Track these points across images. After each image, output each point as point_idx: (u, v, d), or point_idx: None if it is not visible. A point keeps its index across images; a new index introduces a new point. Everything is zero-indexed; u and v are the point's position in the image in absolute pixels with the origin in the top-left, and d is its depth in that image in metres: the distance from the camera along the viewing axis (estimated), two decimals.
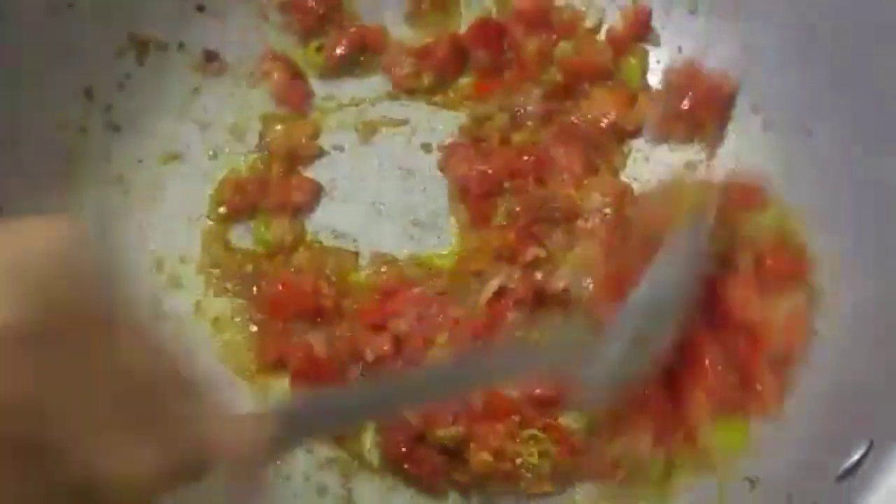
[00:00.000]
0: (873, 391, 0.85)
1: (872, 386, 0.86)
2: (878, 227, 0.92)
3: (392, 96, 1.16)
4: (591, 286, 0.98)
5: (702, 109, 1.08)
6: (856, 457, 0.79)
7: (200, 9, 1.12)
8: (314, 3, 1.14)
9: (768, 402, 0.94)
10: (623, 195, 1.06)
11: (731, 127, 1.09)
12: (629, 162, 1.11)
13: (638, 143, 1.13)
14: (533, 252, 1.02)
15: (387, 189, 1.12)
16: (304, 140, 1.13)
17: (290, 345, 1.03)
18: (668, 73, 1.11)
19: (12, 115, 0.97)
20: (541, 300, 1.02)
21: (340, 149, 1.14)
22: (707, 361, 0.94)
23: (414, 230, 1.11)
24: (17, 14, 0.96)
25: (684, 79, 1.09)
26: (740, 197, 1.02)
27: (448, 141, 1.12)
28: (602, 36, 1.13)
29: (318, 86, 1.16)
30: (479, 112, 1.12)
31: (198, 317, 1.08)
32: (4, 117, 0.97)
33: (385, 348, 1.01)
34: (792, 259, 0.98)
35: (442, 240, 1.10)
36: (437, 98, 1.15)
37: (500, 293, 1.02)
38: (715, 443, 0.94)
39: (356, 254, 1.10)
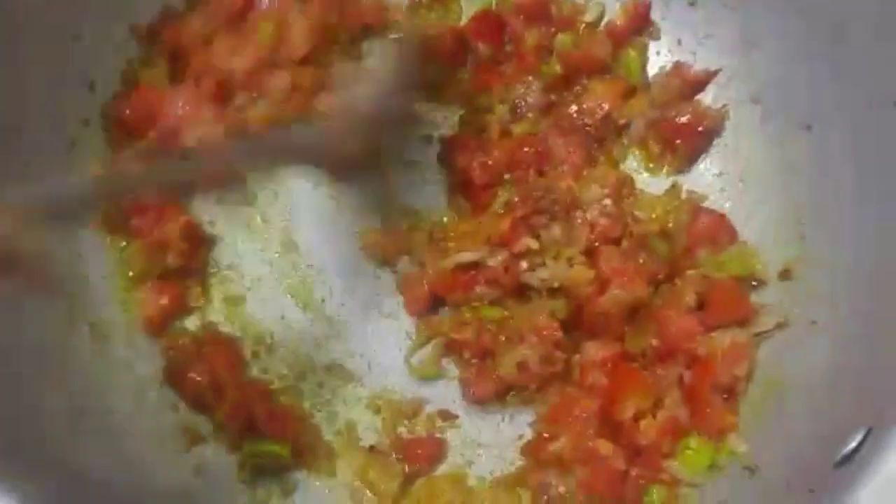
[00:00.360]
0: (871, 380, 0.86)
1: (870, 375, 0.86)
2: (877, 221, 0.93)
3: None
4: None
5: (679, 136, 1.08)
6: (853, 444, 0.80)
7: None
8: None
9: (719, 424, 0.96)
10: (622, 186, 1.06)
11: (730, 117, 1.09)
12: (629, 154, 1.11)
13: None
14: (525, 243, 1.02)
15: None
16: None
17: None
18: (656, 85, 1.11)
19: (15, 103, 0.97)
20: (520, 289, 1.03)
21: None
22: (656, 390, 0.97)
23: (413, 220, 1.11)
24: (19, 4, 0.96)
25: (671, 96, 1.09)
26: (707, 231, 1.03)
27: (448, 133, 1.13)
28: (601, 29, 1.14)
29: None
30: (479, 104, 1.12)
31: None
32: (7, 106, 0.96)
33: None
34: (738, 303, 1.00)
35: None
36: (438, 90, 1.15)
37: (474, 267, 1.03)
38: (681, 465, 0.96)
39: None
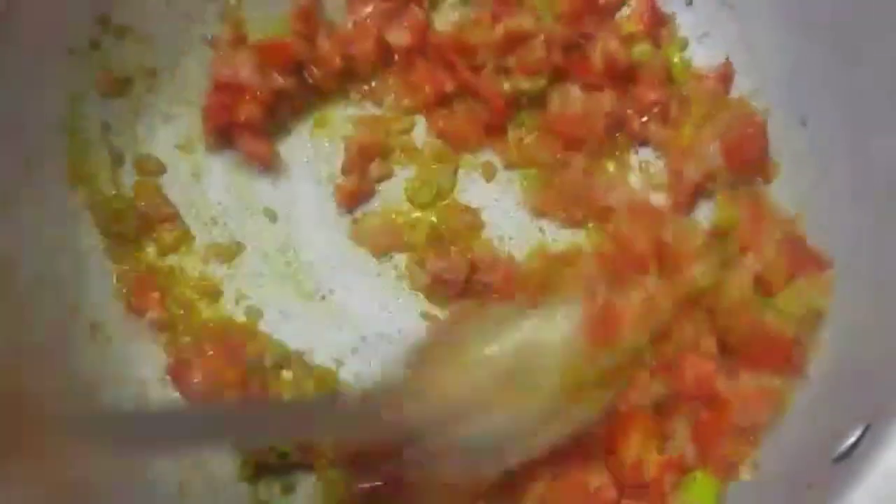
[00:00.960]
0: (870, 376, 0.87)
1: (869, 371, 0.87)
2: (876, 217, 0.93)
3: None
4: None
5: (741, 160, 1.05)
6: (852, 439, 0.81)
7: None
8: None
9: (732, 459, 0.95)
10: None
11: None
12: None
13: None
14: None
15: None
16: None
17: None
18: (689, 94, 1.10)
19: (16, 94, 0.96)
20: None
21: None
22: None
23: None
24: None
25: (713, 98, 1.08)
26: (798, 259, 0.98)
27: None
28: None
29: None
30: None
31: None
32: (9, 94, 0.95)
33: None
34: (778, 348, 0.95)
35: None
36: None
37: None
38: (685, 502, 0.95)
39: None
